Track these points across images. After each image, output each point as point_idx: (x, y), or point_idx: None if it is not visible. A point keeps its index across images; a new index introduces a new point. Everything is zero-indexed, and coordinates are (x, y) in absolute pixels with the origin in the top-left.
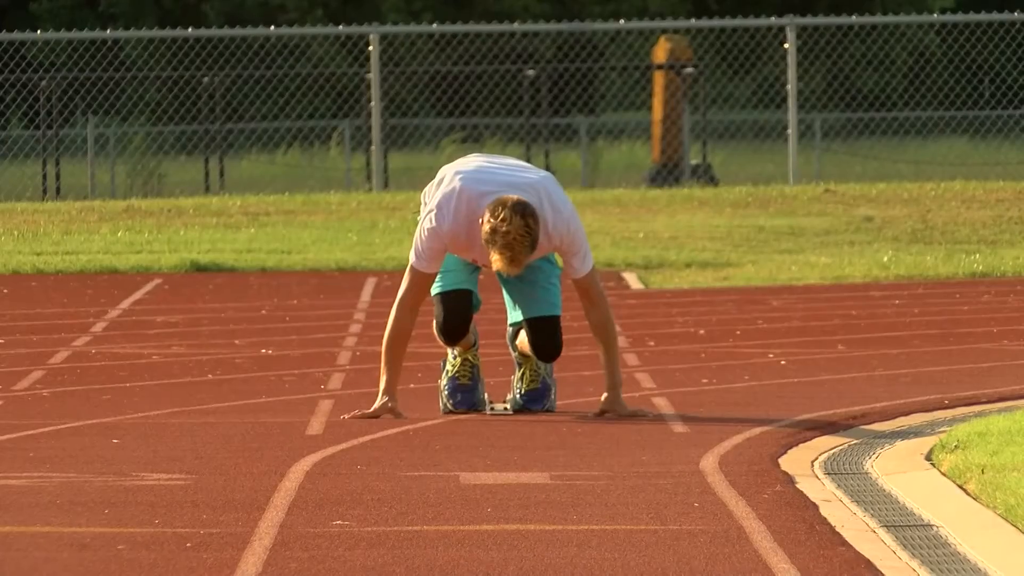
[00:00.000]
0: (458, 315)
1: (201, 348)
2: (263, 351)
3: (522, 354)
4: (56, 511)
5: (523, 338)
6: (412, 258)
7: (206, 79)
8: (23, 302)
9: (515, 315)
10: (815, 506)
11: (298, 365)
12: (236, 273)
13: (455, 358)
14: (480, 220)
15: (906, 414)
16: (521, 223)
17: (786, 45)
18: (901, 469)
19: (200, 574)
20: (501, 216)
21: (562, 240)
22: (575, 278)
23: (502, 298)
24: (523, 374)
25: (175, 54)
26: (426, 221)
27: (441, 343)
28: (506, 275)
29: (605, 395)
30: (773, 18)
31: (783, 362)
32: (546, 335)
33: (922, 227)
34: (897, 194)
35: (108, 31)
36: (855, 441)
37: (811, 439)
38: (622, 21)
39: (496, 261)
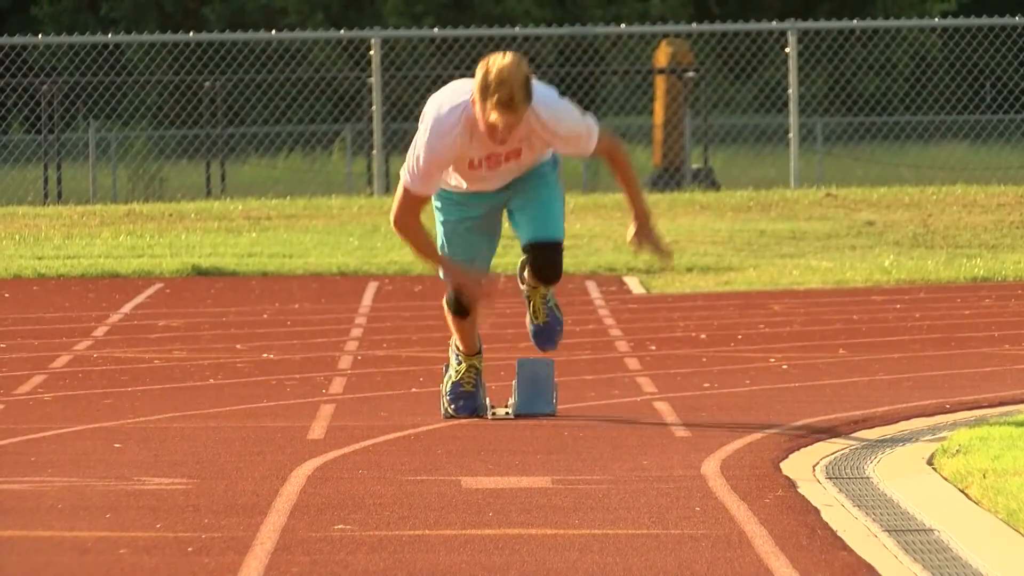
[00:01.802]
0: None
1: (202, 352)
2: (264, 355)
3: (530, 286)
4: (57, 515)
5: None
6: (405, 177)
7: (207, 83)
8: (24, 306)
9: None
10: (817, 511)
11: (299, 369)
12: (237, 277)
13: (460, 364)
14: (471, 99)
15: (908, 418)
16: (512, 59)
17: (787, 49)
18: (903, 474)
19: None
20: (490, 59)
21: (552, 118)
22: (594, 152)
23: (503, 304)
24: (532, 308)
25: (176, 58)
26: (419, 136)
27: (448, 318)
28: (503, 137)
29: (635, 223)
30: (774, 22)
31: (784, 366)
32: (546, 258)
33: (923, 231)
34: (898, 198)
35: (109, 35)
36: (857, 445)
37: (813, 443)
38: (623, 25)
39: (494, 115)
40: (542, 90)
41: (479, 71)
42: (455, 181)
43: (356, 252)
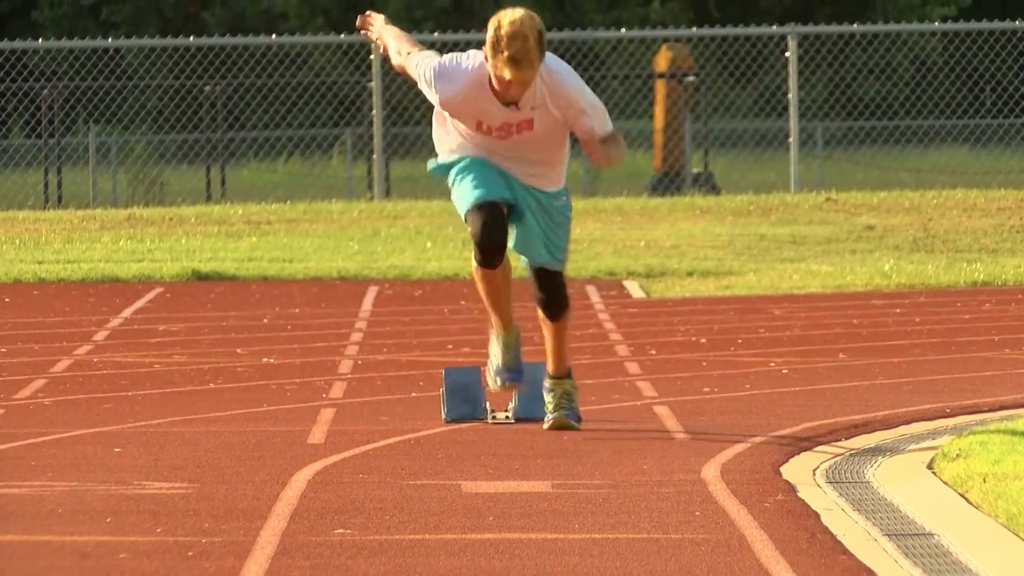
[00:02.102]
0: (495, 230)
1: (203, 357)
2: (265, 360)
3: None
4: (58, 520)
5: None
6: (413, 62)
7: (207, 87)
8: (25, 310)
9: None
10: (817, 515)
11: (300, 374)
12: (238, 282)
13: (500, 348)
14: (484, 61)
15: (908, 423)
16: (524, 12)
17: (787, 54)
18: (903, 478)
19: None
20: (500, 14)
21: (564, 80)
22: (598, 137)
23: None
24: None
25: (176, 62)
26: (434, 59)
27: (479, 286)
28: (516, 95)
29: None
30: (774, 27)
31: (785, 371)
32: (551, 290)
33: (923, 236)
34: (898, 203)
35: (110, 39)
36: (857, 450)
37: (813, 448)
38: (624, 30)
39: (507, 71)
40: (556, 60)
41: (490, 26)
42: (463, 139)
43: (356, 256)
